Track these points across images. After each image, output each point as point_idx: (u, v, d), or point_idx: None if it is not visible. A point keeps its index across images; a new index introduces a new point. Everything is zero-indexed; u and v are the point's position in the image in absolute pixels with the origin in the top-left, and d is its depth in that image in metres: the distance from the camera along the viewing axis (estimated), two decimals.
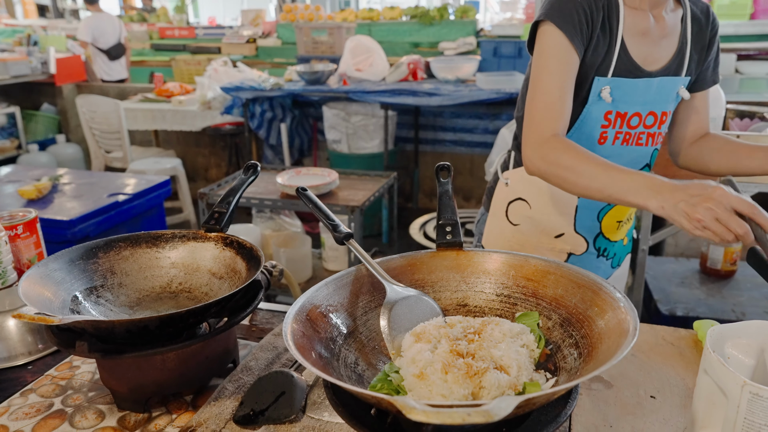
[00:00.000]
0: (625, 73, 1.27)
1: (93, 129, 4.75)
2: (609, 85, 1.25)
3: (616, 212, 1.43)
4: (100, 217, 2.37)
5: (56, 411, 0.94)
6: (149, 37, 7.16)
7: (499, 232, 1.52)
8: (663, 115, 1.33)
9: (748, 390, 0.67)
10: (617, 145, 1.33)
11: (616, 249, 1.51)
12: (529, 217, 1.46)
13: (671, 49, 1.31)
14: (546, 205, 1.43)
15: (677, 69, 1.32)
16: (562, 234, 1.45)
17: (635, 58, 1.27)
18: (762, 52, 3.94)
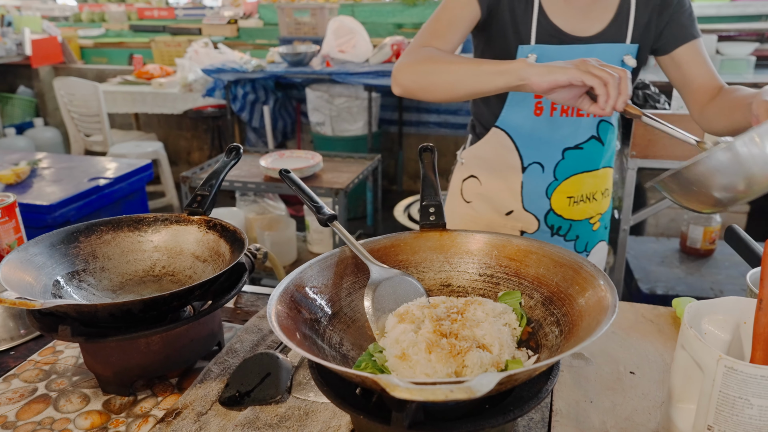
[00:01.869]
0: (548, 38, 1.25)
1: (71, 112, 4.67)
2: (533, 53, 1.24)
3: (566, 187, 1.40)
4: (81, 202, 2.34)
5: (40, 396, 0.94)
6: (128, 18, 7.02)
7: (454, 209, 1.51)
8: None
9: (723, 364, 0.68)
10: (556, 117, 1.30)
11: (579, 231, 1.47)
12: (480, 194, 1.45)
13: (607, 14, 1.27)
14: (494, 181, 1.42)
15: (617, 35, 1.27)
16: (512, 211, 1.43)
17: (557, 23, 1.24)
18: (742, 33, 3.97)
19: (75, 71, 5.54)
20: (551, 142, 1.35)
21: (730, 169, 0.90)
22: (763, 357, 0.73)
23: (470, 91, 1.13)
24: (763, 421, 0.68)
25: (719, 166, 0.90)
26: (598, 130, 1.36)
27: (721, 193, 0.92)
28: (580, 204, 1.43)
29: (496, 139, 1.38)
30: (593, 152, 1.38)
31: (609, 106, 0.98)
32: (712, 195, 0.93)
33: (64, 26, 6.61)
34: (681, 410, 0.77)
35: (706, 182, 0.92)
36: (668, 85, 2.48)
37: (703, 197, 0.94)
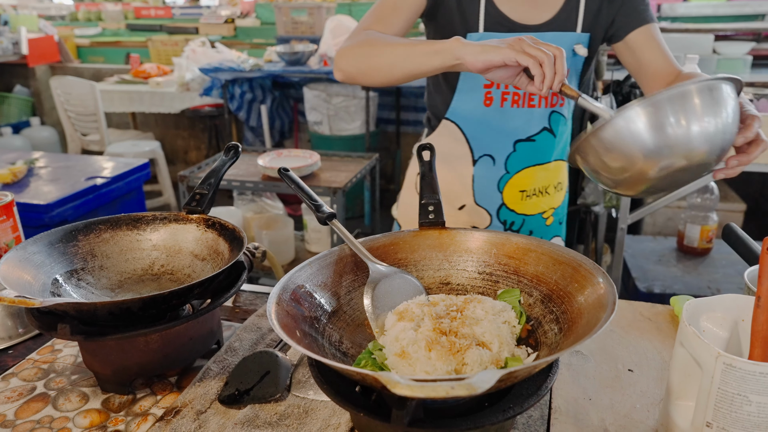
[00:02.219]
0: (496, 27, 1.24)
1: (68, 111, 4.65)
2: (482, 41, 1.24)
3: (518, 181, 1.38)
4: (78, 201, 2.34)
5: (39, 394, 0.94)
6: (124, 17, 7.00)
7: (410, 205, 1.49)
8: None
9: (722, 361, 0.69)
10: (507, 107, 1.28)
11: (532, 226, 1.45)
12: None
13: (557, 2, 1.26)
14: (446, 174, 1.39)
15: (567, 24, 1.26)
16: (464, 206, 1.41)
17: (504, 10, 1.24)
18: (739, 33, 3.98)
19: (71, 70, 5.52)
20: (502, 134, 1.32)
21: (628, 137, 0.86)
22: (761, 354, 0.74)
23: (407, 72, 1.11)
24: (762, 418, 0.68)
25: (620, 131, 0.86)
26: (550, 122, 1.34)
27: (623, 163, 0.88)
28: (532, 198, 1.41)
29: (447, 132, 1.36)
30: (545, 144, 1.35)
31: (545, 86, 0.95)
32: (617, 164, 0.89)
33: (60, 25, 6.59)
34: (680, 407, 0.77)
35: (611, 148, 0.88)
36: None
37: (613, 170, 0.91)
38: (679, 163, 0.85)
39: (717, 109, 0.84)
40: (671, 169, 0.86)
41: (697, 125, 0.83)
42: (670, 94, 0.83)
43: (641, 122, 0.84)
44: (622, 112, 0.85)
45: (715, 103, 0.84)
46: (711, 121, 0.84)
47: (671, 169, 0.86)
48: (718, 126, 0.85)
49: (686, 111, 0.83)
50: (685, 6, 4.16)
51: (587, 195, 2.53)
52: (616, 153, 0.87)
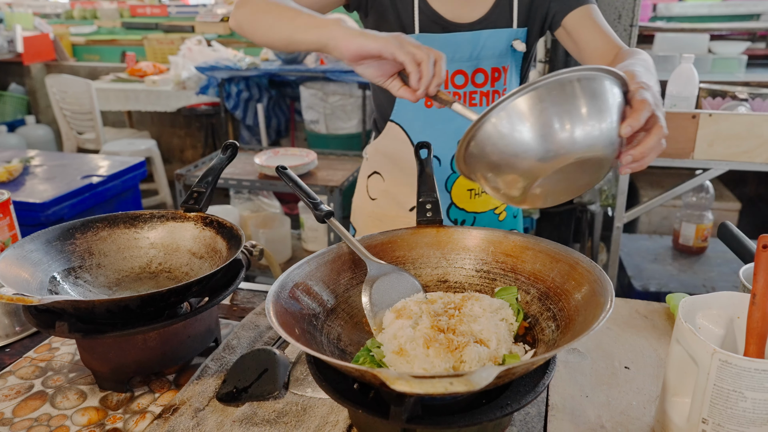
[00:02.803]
0: (431, 26, 1.23)
1: (64, 110, 4.64)
2: (418, 41, 1.22)
3: (465, 180, 1.32)
4: (74, 200, 2.33)
5: (37, 392, 0.94)
6: (120, 15, 6.98)
7: (361, 206, 1.48)
8: (495, 72, 1.25)
9: (717, 358, 0.69)
10: (448, 108, 1.28)
11: (484, 222, 1.43)
12: (384, 190, 1.42)
13: (488, 0, 1.24)
14: (396, 176, 1.39)
15: (501, 20, 1.24)
16: (415, 207, 1.41)
17: (437, 8, 1.23)
18: (734, 32, 4.00)
19: (67, 69, 5.50)
20: (445, 135, 1.31)
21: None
22: (756, 350, 0.74)
23: (285, 37, 1.04)
24: (757, 414, 0.69)
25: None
26: None
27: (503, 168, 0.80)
28: (481, 195, 1.39)
29: (392, 134, 1.35)
30: None
31: (422, 87, 0.87)
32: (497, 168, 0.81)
33: (55, 23, 6.56)
34: (676, 404, 0.78)
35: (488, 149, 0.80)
36: (661, 83, 2.50)
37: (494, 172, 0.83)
38: (557, 161, 0.77)
39: (582, 101, 0.76)
40: (552, 167, 0.78)
41: (558, 120, 0.75)
42: (528, 89, 0.76)
43: (506, 125, 0.77)
44: (486, 116, 0.78)
45: (582, 95, 0.76)
46: (574, 113, 0.75)
47: (553, 168, 0.78)
48: (587, 117, 0.76)
49: (546, 106, 0.75)
50: (681, 6, 4.18)
51: (583, 194, 2.54)
52: (495, 156, 0.79)
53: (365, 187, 1.46)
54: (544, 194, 0.83)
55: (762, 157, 2.06)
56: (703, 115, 2.07)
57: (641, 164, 0.81)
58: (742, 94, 2.27)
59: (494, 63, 1.25)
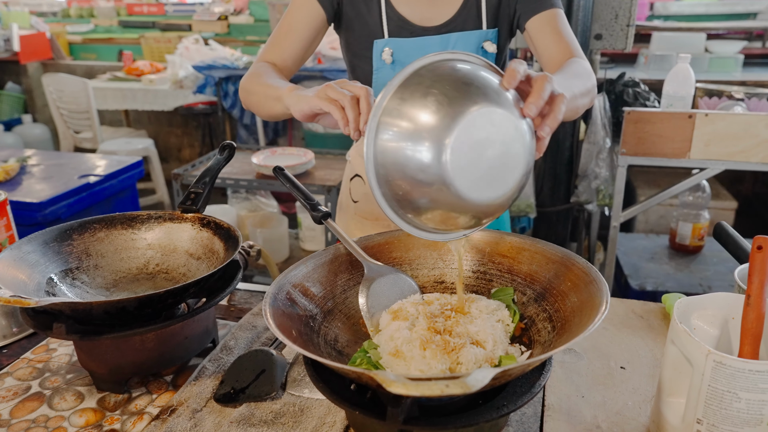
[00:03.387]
0: (400, 31, 1.24)
1: (61, 109, 4.62)
2: (388, 47, 1.23)
3: None
4: (72, 199, 2.33)
5: (34, 393, 0.94)
6: (117, 14, 6.96)
7: (345, 208, 1.49)
8: None
9: (712, 359, 0.70)
10: None
11: None
12: (365, 193, 1.43)
13: (455, 2, 1.24)
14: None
15: (469, 22, 1.24)
16: None
17: (404, 13, 1.23)
18: (731, 32, 4.00)
19: (64, 67, 5.48)
20: None
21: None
22: (750, 351, 0.75)
23: (267, 113, 1.16)
24: (751, 415, 0.69)
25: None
26: None
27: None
28: None
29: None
30: None
31: (351, 129, 0.87)
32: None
33: (52, 22, 6.55)
34: (671, 404, 0.78)
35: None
36: (658, 82, 2.51)
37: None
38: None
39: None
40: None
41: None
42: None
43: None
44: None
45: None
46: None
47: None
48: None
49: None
50: (678, 5, 4.18)
51: (580, 193, 2.55)
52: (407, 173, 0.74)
53: (348, 190, 1.48)
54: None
55: (758, 157, 2.07)
56: (700, 115, 2.07)
57: (547, 133, 0.79)
58: (738, 93, 2.28)
59: None
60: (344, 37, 1.32)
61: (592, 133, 2.44)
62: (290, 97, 1.02)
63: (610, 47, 2.43)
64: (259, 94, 1.16)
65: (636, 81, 2.57)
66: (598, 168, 2.46)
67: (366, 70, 1.29)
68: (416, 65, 0.76)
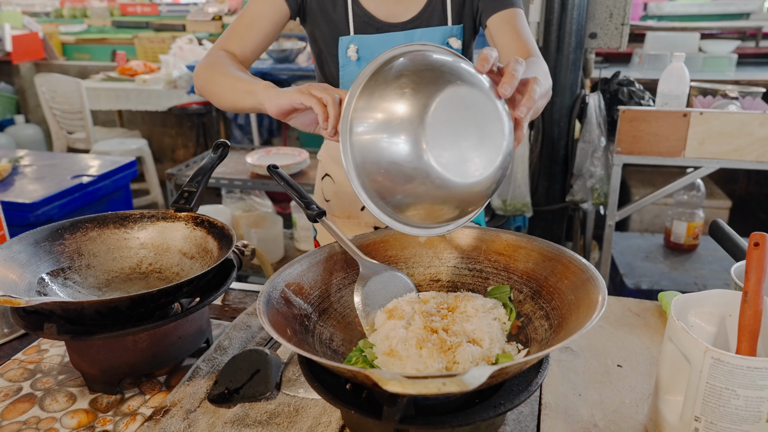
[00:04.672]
0: (365, 28, 1.24)
1: (53, 109, 4.60)
2: (353, 43, 1.23)
3: None
4: (64, 200, 2.31)
5: (25, 395, 0.92)
6: (110, 14, 6.94)
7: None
8: None
9: (710, 356, 0.69)
10: None
11: None
12: (335, 192, 1.43)
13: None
14: (344, 178, 1.39)
15: (434, 18, 1.25)
16: (365, 206, 1.39)
17: (370, 9, 1.23)
18: (724, 31, 4.02)
19: (57, 67, 5.45)
20: None
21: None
22: (748, 348, 0.74)
23: (230, 105, 1.13)
24: (749, 411, 0.69)
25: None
26: None
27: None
28: None
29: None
30: None
31: (330, 125, 0.88)
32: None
33: (45, 22, 6.51)
34: (668, 402, 0.78)
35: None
36: (653, 82, 2.51)
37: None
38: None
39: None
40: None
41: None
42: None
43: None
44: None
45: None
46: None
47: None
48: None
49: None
50: (671, 5, 4.20)
51: (575, 192, 2.55)
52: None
53: (321, 190, 1.48)
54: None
55: (752, 155, 2.08)
56: (694, 114, 2.08)
57: (527, 116, 0.80)
58: (732, 92, 2.29)
59: None
60: (310, 32, 1.31)
61: (587, 132, 2.44)
62: (266, 93, 1.00)
63: (605, 46, 2.43)
64: (224, 85, 1.13)
65: (631, 80, 2.58)
66: (594, 167, 2.46)
67: (333, 66, 1.30)
68: (384, 57, 0.75)
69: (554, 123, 2.50)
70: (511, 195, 2.57)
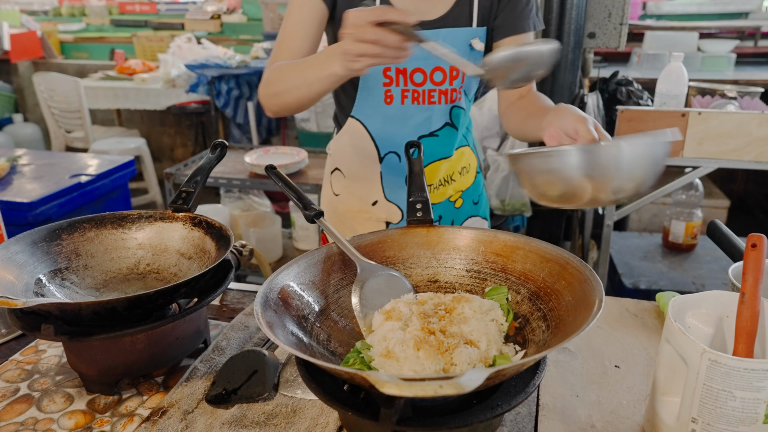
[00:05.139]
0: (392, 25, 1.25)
1: (52, 108, 4.59)
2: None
3: (425, 176, 1.36)
4: (63, 199, 2.31)
5: (23, 396, 0.92)
6: (109, 13, 6.92)
7: (327, 202, 1.50)
8: (454, 71, 1.28)
9: (707, 357, 0.69)
10: (408, 104, 1.29)
11: (440, 211, 1.44)
12: (346, 186, 1.43)
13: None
14: (356, 172, 1.40)
15: (461, 19, 1.26)
16: (377, 201, 1.40)
17: (399, 6, 1.23)
18: (723, 31, 4.02)
19: (55, 66, 5.44)
20: (405, 131, 1.33)
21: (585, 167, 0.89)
22: (745, 350, 0.74)
23: (311, 93, 1.13)
24: (746, 413, 0.69)
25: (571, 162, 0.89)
26: (451, 116, 1.34)
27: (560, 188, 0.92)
28: (439, 189, 1.41)
29: (353, 130, 1.36)
30: (448, 138, 1.36)
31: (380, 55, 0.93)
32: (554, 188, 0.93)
33: (43, 20, 6.50)
34: (666, 403, 0.78)
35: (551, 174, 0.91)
36: (651, 81, 2.51)
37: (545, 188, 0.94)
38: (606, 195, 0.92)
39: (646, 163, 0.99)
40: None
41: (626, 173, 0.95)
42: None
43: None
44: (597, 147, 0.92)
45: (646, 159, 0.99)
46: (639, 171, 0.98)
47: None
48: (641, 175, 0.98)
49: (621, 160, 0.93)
50: (670, 4, 4.20)
51: None
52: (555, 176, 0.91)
53: (329, 183, 1.48)
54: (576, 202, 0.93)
55: (751, 155, 2.08)
56: (693, 114, 2.08)
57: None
58: (730, 92, 2.29)
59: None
60: (332, 32, 1.31)
61: None
62: (336, 59, 1.00)
63: (604, 45, 2.43)
64: (293, 79, 1.13)
65: (629, 80, 2.58)
66: None
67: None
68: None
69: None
70: (509, 195, 2.57)
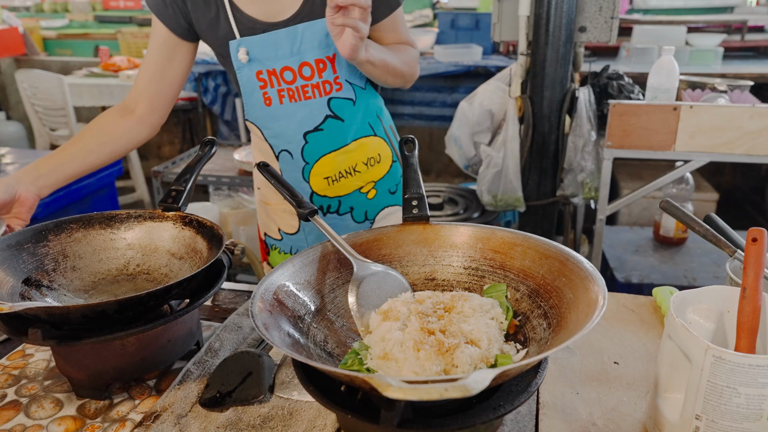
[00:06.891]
0: (250, 30, 1.27)
1: (35, 106, 4.52)
2: (242, 46, 1.27)
3: (320, 169, 1.38)
4: (47, 199, 2.25)
5: (10, 402, 0.90)
6: (92, 9, 6.83)
7: (257, 195, 1.53)
8: (320, 63, 1.29)
9: (711, 354, 0.69)
10: (286, 104, 1.31)
11: (351, 203, 1.44)
12: (263, 180, 1.46)
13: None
14: (276, 167, 1.41)
15: (316, 12, 1.27)
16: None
17: (250, 12, 1.26)
18: (710, 25, 4.04)
19: (38, 63, 5.36)
20: (290, 129, 1.35)
21: None
22: (747, 345, 0.74)
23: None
24: (750, 409, 0.68)
25: None
26: (331, 109, 1.34)
27: None
28: (340, 181, 1.41)
29: (253, 131, 1.41)
30: (334, 130, 1.36)
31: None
32: None
33: (25, 17, 6.39)
34: (668, 400, 0.77)
35: None
36: (642, 75, 2.51)
37: None
38: None
39: None
40: None
41: None
42: None
43: None
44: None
45: None
46: None
47: None
48: None
49: None
50: None
51: (566, 187, 2.54)
52: None
53: (255, 177, 1.53)
54: None
55: (742, 148, 2.08)
56: (684, 107, 2.08)
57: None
58: (721, 85, 2.29)
59: (317, 54, 1.28)
60: (207, 44, 1.35)
61: (577, 126, 2.44)
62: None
63: (595, 39, 2.43)
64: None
65: (620, 74, 2.57)
66: (584, 161, 2.46)
67: (230, 71, 1.34)
68: None
69: (544, 117, 2.49)
70: (502, 190, 2.56)
